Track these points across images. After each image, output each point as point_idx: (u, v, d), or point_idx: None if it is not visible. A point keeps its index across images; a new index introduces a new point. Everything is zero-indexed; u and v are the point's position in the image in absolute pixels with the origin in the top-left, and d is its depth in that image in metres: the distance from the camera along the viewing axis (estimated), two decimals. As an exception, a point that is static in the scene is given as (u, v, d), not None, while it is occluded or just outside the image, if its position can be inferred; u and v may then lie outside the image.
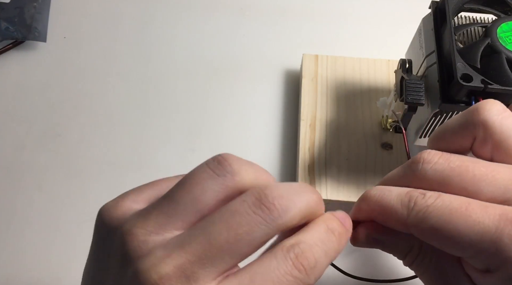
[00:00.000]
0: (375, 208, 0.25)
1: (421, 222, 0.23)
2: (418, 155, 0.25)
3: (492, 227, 0.21)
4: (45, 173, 0.44)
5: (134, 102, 0.49)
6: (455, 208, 0.22)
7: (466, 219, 0.22)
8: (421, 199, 0.23)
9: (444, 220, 0.22)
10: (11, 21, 0.50)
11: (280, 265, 0.20)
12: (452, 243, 0.22)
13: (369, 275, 0.38)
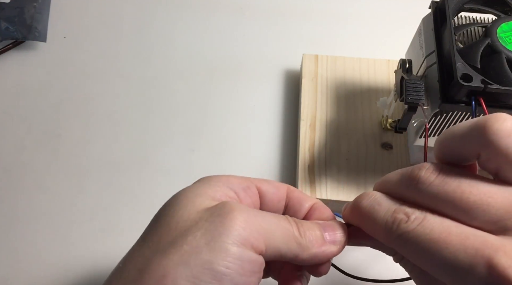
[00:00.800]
0: (364, 220, 0.27)
1: (401, 245, 0.24)
2: (416, 170, 0.25)
3: (466, 262, 0.22)
4: (45, 173, 0.44)
5: (134, 102, 0.49)
6: (434, 237, 0.23)
7: (443, 250, 0.22)
8: (404, 223, 0.24)
9: (422, 248, 0.23)
10: (11, 21, 0.50)
11: None
12: (429, 268, 0.23)
13: (369, 275, 0.38)
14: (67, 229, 0.42)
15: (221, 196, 0.26)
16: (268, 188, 0.29)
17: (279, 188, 0.29)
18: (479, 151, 0.24)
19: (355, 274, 0.37)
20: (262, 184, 0.29)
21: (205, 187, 0.27)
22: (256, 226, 0.24)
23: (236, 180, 0.28)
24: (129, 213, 0.43)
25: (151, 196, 0.43)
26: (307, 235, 0.26)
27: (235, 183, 0.28)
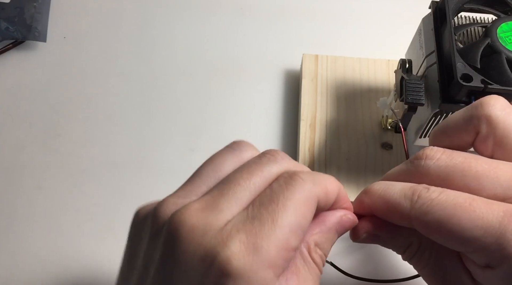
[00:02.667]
0: (378, 202, 0.25)
1: (424, 215, 0.23)
2: (420, 151, 0.25)
3: (495, 222, 0.21)
4: (45, 173, 0.44)
5: (134, 102, 0.49)
6: (459, 202, 0.22)
7: (470, 214, 0.22)
8: (425, 192, 0.23)
9: (448, 214, 0.22)
10: (11, 21, 0.50)
11: None
12: (454, 237, 0.22)
13: (369, 275, 0.38)
14: (67, 229, 0.42)
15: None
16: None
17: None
18: (477, 128, 0.24)
19: (355, 274, 0.37)
20: (317, 238, 0.24)
21: None
22: None
23: (286, 254, 0.21)
24: (129, 213, 0.43)
25: (151, 196, 0.43)
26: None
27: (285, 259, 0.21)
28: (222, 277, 0.19)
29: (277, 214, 0.21)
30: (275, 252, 0.20)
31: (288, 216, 0.21)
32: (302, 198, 0.22)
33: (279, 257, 0.20)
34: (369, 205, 0.26)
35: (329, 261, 0.37)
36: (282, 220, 0.21)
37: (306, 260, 0.23)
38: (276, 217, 0.21)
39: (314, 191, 0.22)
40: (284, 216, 0.21)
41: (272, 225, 0.20)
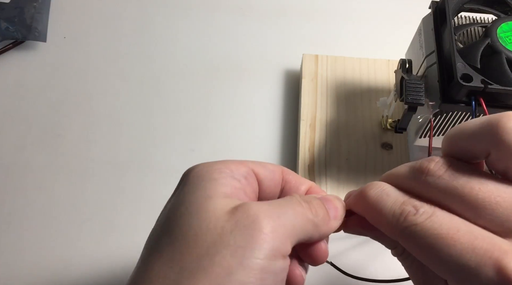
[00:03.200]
0: (370, 209, 0.26)
1: (407, 238, 0.23)
2: (425, 162, 0.24)
3: (473, 262, 0.21)
4: (45, 173, 0.44)
5: (134, 102, 0.49)
6: (442, 233, 0.22)
7: (450, 247, 0.22)
8: (412, 215, 0.23)
9: (428, 242, 0.22)
10: (11, 21, 0.50)
11: None
12: (432, 265, 0.23)
13: (369, 275, 0.38)
14: (67, 229, 0.42)
15: (231, 191, 0.25)
16: (265, 173, 0.28)
17: (274, 172, 0.28)
18: (489, 149, 0.23)
19: (354, 274, 0.37)
20: (259, 168, 0.27)
21: (212, 184, 0.25)
22: (282, 229, 0.23)
23: (235, 167, 0.26)
24: (129, 213, 0.43)
25: (151, 196, 0.44)
26: (318, 213, 0.25)
27: (235, 170, 0.26)
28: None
29: None
30: (228, 161, 0.27)
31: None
32: (269, 163, 0.29)
33: (232, 163, 0.27)
34: (362, 209, 0.27)
35: (329, 261, 0.37)
36: None
37: (290, 198, 0.26)
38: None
39: (280, 166, 0.29)
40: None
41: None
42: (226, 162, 0.26)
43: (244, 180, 0.26)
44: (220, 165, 0.26)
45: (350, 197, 0.28)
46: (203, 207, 0.23)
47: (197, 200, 0.24)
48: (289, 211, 0.24)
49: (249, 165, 0.27)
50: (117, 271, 0.40)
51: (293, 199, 0.25)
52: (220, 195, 0.24)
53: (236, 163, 0.26)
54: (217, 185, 0.25)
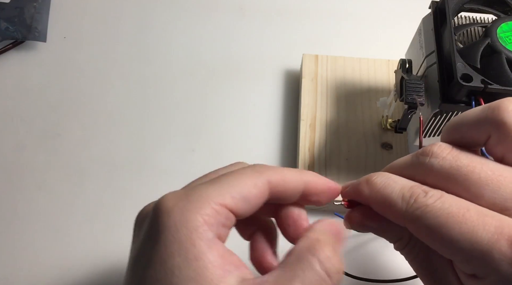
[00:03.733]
0: (376, 196, 0.25)
1: (417, 219, 0.23)
2: (428, 146, 0.25)
3: (485, 238, 0.21)
4: (45, 173, 0.44)
5: (134, 102, 0.49)
6: (453, 212, 0.22)
7: (461, 225, 0.22)
8: (422, 197, 0.23)
9: (439, 223, 0.22)
10: (11, 21, 0.50)
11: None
12: (443, 246, 0.23)
13: (368, 275, 0.38)
14: (67, 229, 0.42)
15: (222, 259, 0.22)
16: (245, 209, 0.24)
17: (257, 198, 0.24)
18: (490, 132, 0.24)
19: (354, 274, 0.37)
20: (237, 204, 0.24)
21: (200, 262, 0.22)
22: None
23: (211, 212, 0.23)
24: (129, 213, 0.43)
25: (151, 196, 0.43)
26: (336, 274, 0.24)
27: (213, 219, 0.23)
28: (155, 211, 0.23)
29: (222, 177, 0.24)
30: (204, 201, 0.23)
31: (230, 181, 0.24)
32: (250, 172, 0.24)
33: (208, 207, 0.23)
34: (367, 196, 0.26)
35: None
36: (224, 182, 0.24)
37: (304, 261, 0.23)
38: (220, 179, 0.24)
39: (266, 172, 0.25)
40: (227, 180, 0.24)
41: (212, 183, 0.24)
42: (202, 206, 0.23)
43: (223, 230, 0.23)
44: (198, 218, 0.22)
45: (350, 186, 0.28)
46: (191, 252, 0.21)
47: (184, 233, 0.22)
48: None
49: (227, 204, 0.23)
50: (117, 271, 0.40)
51: (314, 274, 0.22)
52: (215, 278, 0.22)
53: (214, 206, 0.23)
54: (203, 262, 0.22)
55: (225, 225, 0.23)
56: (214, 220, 0.22)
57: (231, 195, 0.23)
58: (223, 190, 0.23)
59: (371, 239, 0.41)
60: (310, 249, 0.23)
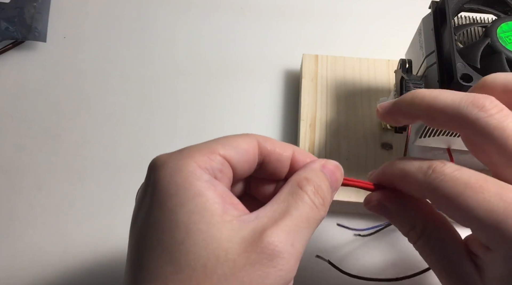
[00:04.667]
0: (397, 173, 0.27)
1: (436, 189, 0.24)
2: (480, 98, 0.25)
3: (501, 207, 0.22)
4: (45, 173, 0.44)
5: (134, 102, 0.49)
6: (471, 183, 0.23)
7: (478, 195, 0.23)
8: (441, 167, 0.25)
9: (457, 192, 0.23)
10: (11, 21, 0.50)
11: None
12: (459, 214, 0.24)
13: (367, 274, 0.38)
14: (67, 229, 0.42)
15: (219, 200, 0.23)
16: (237, 157, 0.25)
17: (248, 152, 0.25)
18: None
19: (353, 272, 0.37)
20: (230, 153, 0.25)
21: (199, 198, 0.22)
22: (299, 256, 0.23)
23: (207, 160, 0.24)
24: (129, 213, 0.43)
25: (151, 196, 0.43)
26: (326, 203, 0.25)
27: (208, 164, 0.24)
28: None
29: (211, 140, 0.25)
30: (196, 152, 0.24)
31: (220, 139, 0.25)
32: (239, 134, 0.26)
33: (200, 155, 0.24)
34: (390, 175, 0.28)
35: (327, 260, 0.37)
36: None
37: (296, 195, 0.24)
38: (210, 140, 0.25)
39: (255, 136, 0.26)
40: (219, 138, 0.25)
41: (202, 143, 0.25)
42: (193, 155, 0.24)
43: (220, 174, 0.24)
44: (191, 163, 0.23)
45: (374, 173, 0.29)
46: (208, 234, 0.22)
47: (196, 224, 0.22)
48: (304, 229, 0.23)
49: (219, 152, 0.24)
50: (117, 271, 0.40)
51: (306, 205, 0.24)
52: (217, 213, 0.22)
53: (206, 154, 0.24)
54: (205, 198, 0.22)
55: (222, 171, 0.24)
56: (208, 164, 0.24)
57: (222, 146, 0.25)
58: (213, 144, 0.25)
59: (370, 239, 0.41)
60: (300, 184, 0.25)
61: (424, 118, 0.27)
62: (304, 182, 0.25)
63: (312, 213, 0.24)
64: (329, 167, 0.27)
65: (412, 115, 0.28)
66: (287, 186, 0.25)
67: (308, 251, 0.40)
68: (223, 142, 0.25)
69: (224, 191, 0.24)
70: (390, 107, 0.29)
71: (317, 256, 0.38)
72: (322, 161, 0.27)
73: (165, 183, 0.23)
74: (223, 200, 0.23)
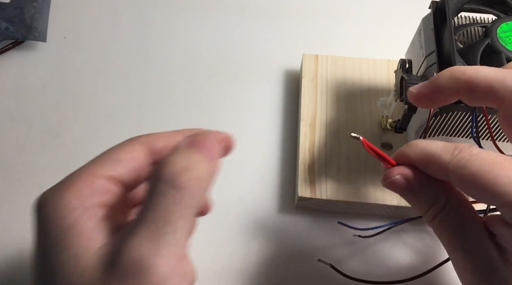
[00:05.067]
0: (419, 154, 0.27)
1: (462, 167, 0.25)
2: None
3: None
4: (45, 173, 0.44)
5: (134, 102, 0.49)
6: (498, 161, 0.24)
7: (507, 172, 0.24)
8: (468, 148, 0.25)
9: (484, 169, 0.24)
10: (11, 21, 0.50)
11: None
12: (487, 191, 0.24)
13: (369, 277, 0.38)
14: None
15: (93, 226, 0.22)
16: (123, 171, 0.24)
17: (134, 160, 0.24)
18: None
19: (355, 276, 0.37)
20: (112, 169, 0.24)
21: (71, 239, 0.22)
22: (173, 258, 0.21)
23: (85, 185, 0.23)
24: (129, 213, 0.43)
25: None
26: (200, 188, 0.23)
27: (88, 189, 0.23)
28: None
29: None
30: (75, 178, 0.24)
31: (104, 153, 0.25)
32: (125, 141, 0.25)
33: (79, 181, 0.23)
34: (410, 155, 0.27)
35: (329, 264, 0.37)
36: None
37: (152, 189, 0.22)
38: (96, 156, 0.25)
39: (140, 138, 0.26)
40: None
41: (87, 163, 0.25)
42: (74, 183, 0.24)
43: (103, 196, 0.23)
44: (69, 196, 0.23)
45: (395, 153, 0.29)
46: (76, 271, 0.21)
47: (63, 264, 0.21)
48: (168, 228, 0.21)
49: (101, 172, 0.24)
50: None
51: (162, 198, 0.21)
52: (84, 246, 0.21)
53: (87, 179, 0.23)
54: (75, 231, 0.22)
55: (106, 191, 0.23)
56: (89, 190, 0.23)
57: (103, 164, 0.24)
58: (94, 165, 0.24)
59: (371, 241, 0.41)
60: (157, 175, 0.22)
61: (463, 93, 0.27)
62: (160, 171, 0.22)
63: (174, 205, 0.21)
64: (198, 139, 0.24)
65: (451, 91, 0.28)
66: (147, 183, 0.22)
67: (310, 255, 0.40)
68: (104, 159, 0.24)
69: (98, 220, 0.23)
70: (427, 85, 0.29)
71: (319, 260, 0.38)
72: (188, 138, 0.24)
73: (41, 224, 0.23)
74: (95, 229, 0.22)
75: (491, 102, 0.27)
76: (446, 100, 0.29)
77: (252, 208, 0.43)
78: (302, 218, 0.42)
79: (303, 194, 0.40)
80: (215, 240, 0.41)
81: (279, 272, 0.40)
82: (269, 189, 0.44)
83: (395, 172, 0.28)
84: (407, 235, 0.41)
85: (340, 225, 0.40)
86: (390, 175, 0.28)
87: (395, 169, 0.28)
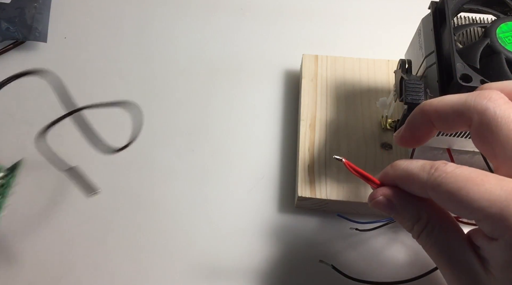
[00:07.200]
0: (401, 174, 0.28)
1: (438, 186, 0.26)
2: (485, 90, 0.27)
3: (503, 196, 0.23)
4: (45, 173, 0.44)
5: (134, 102, 0.49)
6: (472, 177, 0.25)
7: (479, 187, 0.24)
8: (443, 166, 0.26)
9: (458, 186, 0.25)
10: (12, 22, 0.51)
11: None
12: (463, 207, 0.25)
13: (371, 278, 0.38)
14: (67, 229, 0.42)
15: None
16: None
17: None
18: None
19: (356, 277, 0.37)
20: None
21: None
22: None
23: None
24: (129, 213, 0.43)
25: (151, 196, 0.44)
26: None
27: None
28: None
29: None
30: None
31: None
32: None
33: None
34: (393, 175, 0.29)
35: (331, 265, 0.37)
36: None
37: None
38: None
39: None
40: None
41: None
42: None
43: None
44: None
45: (380, 173, 0.30)
46: None
47: None
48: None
49: None
50: (117, 271, 0.40)
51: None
52: None
53: None
54: None
55: None
56: None
57: None
58: None
59: (372, 242, 0.41)
60: None
61: (437, 124, 0.28)
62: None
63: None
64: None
65: (426, 125, 0.29)
66: None
67: (310, 254, 0.40)
68: None
69: None
70: (405, 127, 0.31)
71: (321, 261, 0.38)
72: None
73: None
74: None
75: (463, 125, 0.28)
76: (427, 134, 0.30)
77: (252, 208, 0.43)
78: (302, 218, 0.42)
79: (303, 194, 0.40)
80: (214, 240, 0.41)
81: (279, 271, 0.40)
82: (269, 189, 0.44)
83: (378, 194, 0.30)
84: (407, 235, 0.41)
85: (340, 225, 0.40)
86: (373, 196, 0.30)
87: (378, 190, 0.30)
